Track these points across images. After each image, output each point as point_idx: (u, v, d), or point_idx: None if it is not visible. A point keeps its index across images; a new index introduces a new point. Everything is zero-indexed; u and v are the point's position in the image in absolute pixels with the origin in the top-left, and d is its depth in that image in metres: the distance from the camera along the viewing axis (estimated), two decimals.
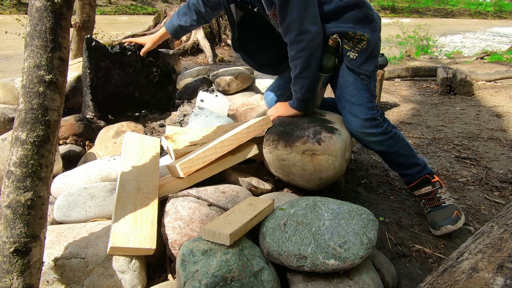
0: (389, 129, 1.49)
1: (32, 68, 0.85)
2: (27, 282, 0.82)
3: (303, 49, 1.34)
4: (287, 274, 1.05)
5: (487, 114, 3.22)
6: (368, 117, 1.44)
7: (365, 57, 1.42)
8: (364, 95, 1.45)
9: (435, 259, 1.37)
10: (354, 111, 1.46)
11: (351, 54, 1.42)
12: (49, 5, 0.86)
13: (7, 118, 1.89)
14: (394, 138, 1.50)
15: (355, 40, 1.41)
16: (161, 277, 1.17)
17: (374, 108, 1.46)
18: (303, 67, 1.38)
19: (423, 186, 1.55)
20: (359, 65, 1.43)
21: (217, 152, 1.31)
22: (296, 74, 1.41)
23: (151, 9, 13.84)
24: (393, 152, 1.52)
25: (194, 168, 1.26)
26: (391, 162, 1.58)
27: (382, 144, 1.50)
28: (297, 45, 1.34)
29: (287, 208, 1.16)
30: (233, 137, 1.36)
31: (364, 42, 1.41)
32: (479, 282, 0.73)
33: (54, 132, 0.89)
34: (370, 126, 1.45)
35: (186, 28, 1.91)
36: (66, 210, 1.23)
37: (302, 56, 1.35)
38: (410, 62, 5.89)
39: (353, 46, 1.42)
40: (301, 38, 1.32)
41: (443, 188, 1.55)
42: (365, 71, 1.43)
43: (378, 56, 1.49)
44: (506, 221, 0.98)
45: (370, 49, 1.42)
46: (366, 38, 1.40)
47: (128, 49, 2.03)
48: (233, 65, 4.83)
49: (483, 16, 19.75)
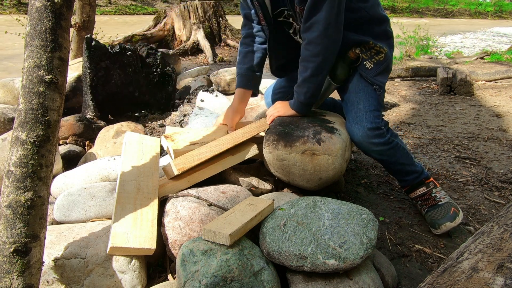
0: (391, 139, 1.48)
1: (32, 68, 0.85)
2: (27, 282, 0.82)
3: (319, 53, 1.32)
4: (287, 274, 1.05)
5: (487, 114, 3.22)
6: (373, 126, 1.42)
7: (380, 70, 1.43)
8: (372, 102, 1.44)
9: (435, 259, 1.37)
10: (360, 117, 1.43)
11: (368, 64, 1.42)
12: (49, 5, 0.86)
13: (7, 118, 1.89)
14: (395, 148, 1.49)
15: (374, 51, 1.41)
16: (161, 277, 1.17)
17: (379, 117, 1.45)
18: (314, 72, 1.36)
19: (417, 188, 1.56)
20: (374, 76, 1.43)
21: (212, 150, 1.31)
22: (304, 77, 1.39)
23: (151, 9, 13.84)
24: (393, 161, 1.52)
25: (189, 165, 1.25)
26: (390, 169, 1.59)
27: (383, 154, 1.49)
28: (314, 47, 1.32)
29: (287, 208, 1.16)
30: (229, 137, 1.38)
31: (382, 55, 1.42)
32: (479, 282, 0.73)
33: (54, 132, 0.89)
34: (373, 135, 1.43)
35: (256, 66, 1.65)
36: (66, 210, 1.23)
37: (315, 61, 1.33)
38: (410, 62, 5.89)
39: (370, 56, 1.42)
40: (321, 41, 1.30)
41: (438, 188, 1.56)
42: (379, 82, 1.44)
43: (390, 72, 1.50)
44: (506, 221, 0.98)
45: (386, 63, 1.44)
46: (385, 51, 1.42)
47: (128, 49, 2.03)
48: (233, 65, 4.83)
49: (483, 16, 19.76)
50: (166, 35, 5.88)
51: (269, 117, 1.59)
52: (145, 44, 2.27)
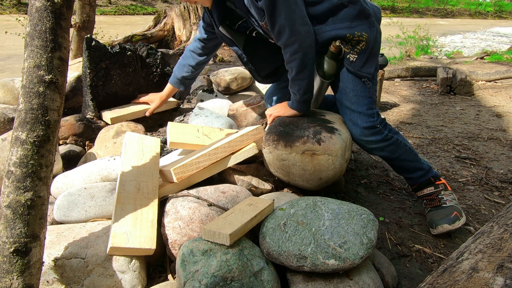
0: (390, 135, 1.48)
1: (32, 68, 0.85)
2: (27, 282, 0.82)
3: (296, 51, 1.33)
4: (287, 274, 1.05)
5: (487, 114, 3.22)
6: (368, 125, 1.44)
7: (365, 58, 1.41)
8: (363, 102, 1.44)
9: (435, 259, 1.37)
10: (354, 119, 1.46)
11: (351, 56, 1.41)
12: (49, 5, 0.86)
13: (7, 118, 1.89)
14: (396, 144, 1.49)
15: (353, 41, 1.39)
16: (161, 277, 1.17)
17: (374, 115, 1.45)
18: (299, 69, 1.37)
19: (425, 187, 1.55)
20: (360, 68, 1.42)
21: (210, 159, 1.33)
22: (292, 77, 1.41)
23: (151, 9, 13.84)
24: (395, 157, 1.52)
25: (188, 173, 1.28)
26: (394, 166, 1.60)
27: (383, 151, 1.50)
28: (290, 48, 1.34)
29: (287, 208, 1.16)
30: (226, 144, 1.39)
31: (362, 43, 1.39)
32: (479, 282, 0.73)
33: (54, 132, 0.88)
34: (370, 134, 1.45)
35: (189, 77, 1.92)
36: (66, 210, 1.23)
37: (296, 58, 1.35)
38: (410, 62, 5.89)
39: (351, 48, 1.40)
40: (293, 40, 1.32)
41: (448, 191, 1.54)
42: (367, 73, 1.42)
43: (378, 54, 1.47)
44: (506, 221, 0.98)
45: (369, 48, 1.40)
46: (365, 38, 1.38)
47: (128, 49, 2.02)
48: (233, 65, 4.83)
49: (483, 16, 19.75)
50: (166, 35, 5.88)
51: (269, 117, 1.60)
52: (145, 44, 2.27)
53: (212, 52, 1.88)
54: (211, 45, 1.84)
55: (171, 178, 1.25)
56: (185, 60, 1.89)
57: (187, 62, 1.88)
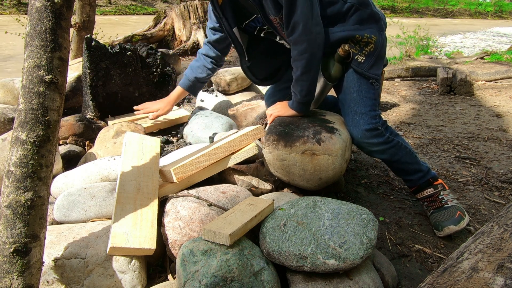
0: (391, 138, 1.48)
1: (32, 68, 0.85)
2: (27, 282, 0.82)
3: (305, 50, 1.33)
4: (287, 274, 1.05)
5: (487, 114, 3.22)
6: (370, 127, 1.43)
7: (373, 60, 1.41)
8: (367, 103, 1.43)
9: (435, 259, 1.37)
10: (356, 120, 1.45)
11: (359, 57, 1.41)
12: (49, 5, 0.85)
13: (7, 118, 1.89)
14: (397, 146, 1.49)
15: (362, 43, 1.39)
16: (161, 277, 1.17)
17: (376, 117, 1.45)
18: (304, 69, 1.37)
19: (424, 189, 1.55)
20: (368, 69, 1.42)
21: (210, 159, 1.34)
22: (297, 76, 1.40)
23: (151, 9, 13.84)
24: (395, 160, 1.51)
25: (188, 173, 1.28)
26: (394, 168, 1.59)
27: (384, 153, 1.49)
28: (300, 45, 1.33)
29: (287, 208, 1.16)
30: (226, 144, 1.39)
31: (371, 45, 1.40)
32: (479, 282, 0.73)
33: (54, 132, 0.88)
34: (371, 136, 1.43)
35: (203, 79, 1.90)
36: (66, 210, 1.23)
37: (304, 58, 1.34)
38: (410, 62, 5.89)
39: (360, 49, 1.40)
40: (304, 38, 1.31)
41: (446, 191, 1.54)
42: (375, 75, 1.43)
43: (384, 57, 1.48)
44: (506, 221, 0.98)
45: (378, 51, 1.41)
46: (373, 40, 1.39)
47: (128, 49, 2.03)
48: (233, 65, 4.83)
49: (483, 16, 19.76)
50: (166, 35, 5.88)
51: (269, 116, 1.60)
52: (145, 44, 2.27)
53: (224, 52, 1.86)
54: (221, 47, 1.83)
55: (171, 178, 1.25)
56: (198, 62, 1.89)
57: (202, 63, 1.88)
